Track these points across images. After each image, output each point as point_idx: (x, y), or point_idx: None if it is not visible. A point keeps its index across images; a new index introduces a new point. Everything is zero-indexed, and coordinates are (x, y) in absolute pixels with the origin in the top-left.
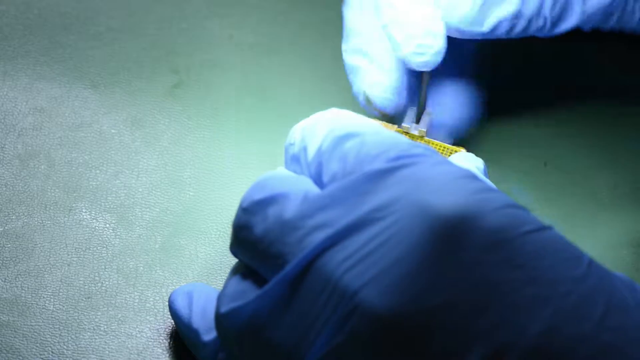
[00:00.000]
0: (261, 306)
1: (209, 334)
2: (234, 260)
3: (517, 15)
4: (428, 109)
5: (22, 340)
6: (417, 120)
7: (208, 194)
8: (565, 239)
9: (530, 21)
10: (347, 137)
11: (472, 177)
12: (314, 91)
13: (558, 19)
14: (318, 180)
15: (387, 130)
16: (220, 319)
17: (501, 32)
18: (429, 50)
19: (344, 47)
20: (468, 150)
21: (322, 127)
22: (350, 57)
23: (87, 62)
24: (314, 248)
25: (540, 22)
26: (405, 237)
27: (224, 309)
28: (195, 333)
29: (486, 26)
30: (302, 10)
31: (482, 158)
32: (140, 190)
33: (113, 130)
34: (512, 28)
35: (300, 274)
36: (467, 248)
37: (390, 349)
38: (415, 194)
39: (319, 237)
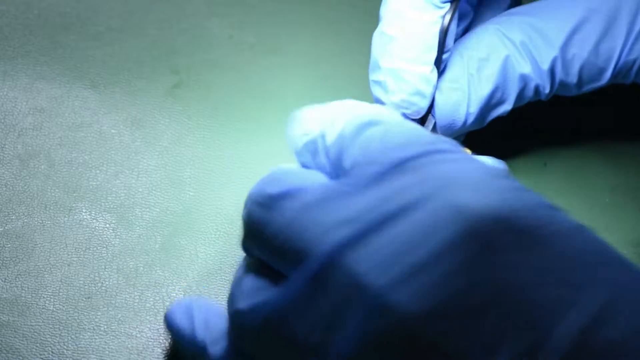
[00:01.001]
0: (283, 301)
1: (216, 345)
2: (234, 260)
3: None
4: (432, 113)
5: (22, 340)
6: (422, 123)
7: (208, 194)
8: (600, 239)
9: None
10: (370, 124)
11: (505, 175)
12: (314, 91)
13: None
14: (337, 165)
15: (409, 122)
16: (240, 315)
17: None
18: (412, 106)
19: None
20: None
21: (344, 113)
22: (373, 88)
23: (87, 62)
24: (337, 244)
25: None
26: (437, 237)
27: (243, 305)
28: (201, 346)
29: (485, 123)
30: (302, 11)
31: None
32: (140, 190)
33: (113, 130)
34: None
35: (323, 271)
36: (499, 249)
37: (417, 351)
38: (447, 192)
39: (342, 233)
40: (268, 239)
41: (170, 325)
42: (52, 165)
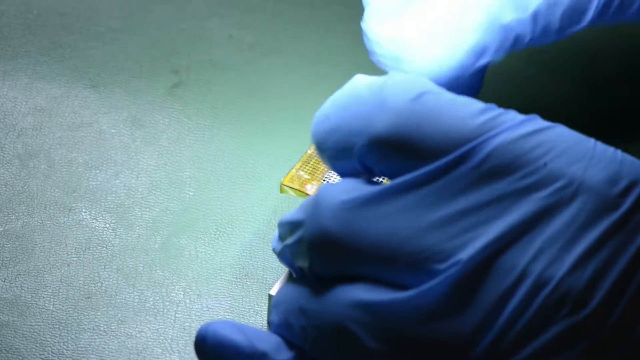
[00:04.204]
0: (426, 300)
1: (279, 354)
2: (234, 260)
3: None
4: None
5: (22, 340)
6: None
7: (208, 194)
8: None
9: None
10: (423, 94)
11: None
12: (314, 91)
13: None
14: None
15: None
16: (381, 308)
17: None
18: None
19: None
20: None
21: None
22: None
23: (87, 62)
24: (487, 247)
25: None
26: (588, 222)
27: (381, 296)
28: (261, 356)
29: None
30: (302, 10)
31: None
32: (140, 190)
33: (113, 130)
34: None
35: (474, 272)
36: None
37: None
38: (580, 171)
39: (486, 235)
40: (363, 252)
41: (220, 342)
42: (52, 165)
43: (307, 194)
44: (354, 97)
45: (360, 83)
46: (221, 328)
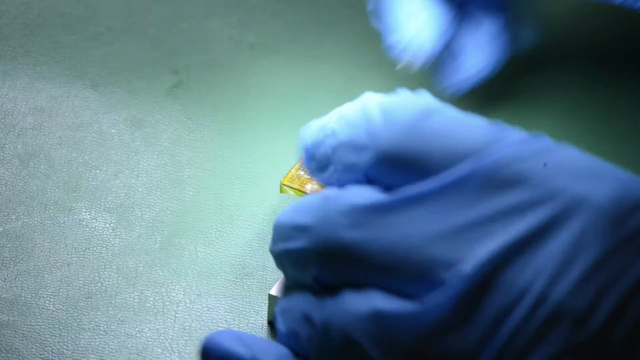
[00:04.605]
0: (433, 314)
1: None
2: (234, 260)
3: None
4: None
5: (22, 340)
6: None
7: (208, 194)
8: None
9: None
10: (428, 112)
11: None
12: (314, 91)
13: None
14: (391, 157)
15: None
16: (388, 320)
17: None
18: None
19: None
20: None
21: (372, 105)
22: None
23: (87, 62)
24: (490, 257)
25: None
26: (590, 240)
27: (389, 306)
28: None
29: None
30: (302, 10)
31: None
32: (140, 190)
33: (113, 130)
34: None
35: (478, 284)
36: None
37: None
38: (584, 189)
39: (489, 248)
40: (373, 259)
41: (224, 356)
42: (52, 165)
43: (307, 194)
44: (363, 114)
45: (370, 101)
46: (225, 340)
